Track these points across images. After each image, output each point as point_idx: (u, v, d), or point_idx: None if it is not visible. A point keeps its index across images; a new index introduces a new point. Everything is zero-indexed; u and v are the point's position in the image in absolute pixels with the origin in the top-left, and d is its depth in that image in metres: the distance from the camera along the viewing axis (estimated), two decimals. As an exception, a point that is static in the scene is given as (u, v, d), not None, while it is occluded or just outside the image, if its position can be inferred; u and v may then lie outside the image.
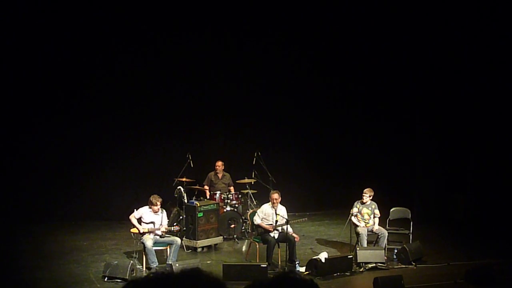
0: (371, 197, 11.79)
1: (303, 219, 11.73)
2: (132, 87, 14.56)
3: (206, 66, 14.96)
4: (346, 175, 15.80)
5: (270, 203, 11.11)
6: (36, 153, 14.06)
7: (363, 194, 11.77)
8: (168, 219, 11.40)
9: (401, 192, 14.87)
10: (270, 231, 10.97)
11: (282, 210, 11.15)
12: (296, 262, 10.71)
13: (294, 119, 15.72)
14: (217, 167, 13.83)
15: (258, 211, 11.24)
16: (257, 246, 11.13)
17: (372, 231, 11.65)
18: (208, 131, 15.34)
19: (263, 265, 10.21)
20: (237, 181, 13.90)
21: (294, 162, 15.68)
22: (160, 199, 10.78)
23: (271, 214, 11.04)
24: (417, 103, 15.32)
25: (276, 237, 10.97)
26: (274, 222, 10.95)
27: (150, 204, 10.74)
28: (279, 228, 10.98)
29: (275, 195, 11.03)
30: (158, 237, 10.76)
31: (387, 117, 15.72)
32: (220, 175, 13.86)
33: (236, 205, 13.34)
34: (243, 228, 13.18)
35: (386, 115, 15.72)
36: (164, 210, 11.01)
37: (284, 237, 10.88)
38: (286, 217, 10.94)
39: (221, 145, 15.32)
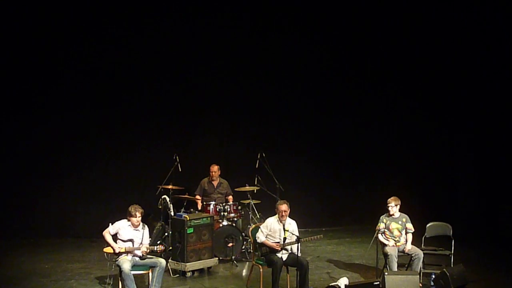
0: (398, 207, 11.64)
1: (318, 236, 11.54)
2: (105, 76, 14.58)
3: (199, 55, 15.13)
4: (370, 183, 15.87)
5: (276, 216, 10.96)
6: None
7: (388, 205, 11.67)
8: (150, 236, 11.25)
9: (440, 203, 14.86)
10: (277, 251, 10.81)
11: (292, 225, 11.01)
12: (310, 291, 10.56)
13: (306, 114, 15.87)
14: (212, 173, 13.75)
15: (261, 226, 11.12)
16: (261, 269, 11.00)
17: (403, 251, 11.52)
18: (200, 128, 15.41)
19: (268, 294, 10.07)
20: (236, 189, 13.81)
21: (306, 166, 15.76)
22: (141, 210, 10.70)
23: (278, 230, 10.90)
24: (457, 101, 15.79)
25: (284, 258, 10.80)
26: (282, 239, 10.79)
27: (129, 216, 10.63)
28: (288, 248, 10.81)
29: (283, 207, 10.89)
30: (137, 258, 10.63)
31: (420, 114, 15.93)
32: (215, 183, 13.77)
33: (235, 219, 13.26)
34: (243, 247, 13.08)
35: (418, 111, 15.99)
36: (145, 226, 10.88)
37: (295, 260, 10.69)
38: (297, 234, 10.76)
39: (216, 145, 15.34)
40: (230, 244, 12.82)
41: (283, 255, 10.85)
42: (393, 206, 11.63)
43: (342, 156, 16.09)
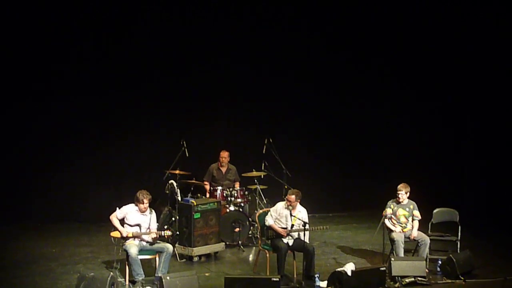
0: (407, 194, 11.64)
1: (325, 226, 11.53)
2: (111, 60, 14.58)
3: (207, 40, 15.08)
4: (377, 169, 15.82)
5: (285, 202, 10.98)
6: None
7: (398, 192, 11.64)
8: (157, 221, 11.29)
9: (447, 189, 14.82)
10: (283, 236, 10.85)
11: (302, 212, 11.01)
12: (316, 276, 10.57)
13: (313, 99, 15.79)
14: (222, 158, 13.78)
15: (271, 209, 11.14)
16: (267, 254, 11.03)
17: (410, 237, 11.51)
18: (207, 114, 15.33)
19: (274, 279, 10.06)
20: (243, 175, 13.83)
21: (314, 152, 15.73)
22: (149, 196, 10.69)
23: (285, 215, 10.91)
24: (465, 86, 15.72)
25: (290, 244, 10.84)
26: (290, 226, 10.83)
27: (137, 201, 10.64)
28: (295, 234, 10.85)
29: (291, 197, 10.86)
30: (144, 243, 10.66)
31: (427, 100, 15.89)
32: (224, 169, 13.80)
33: (242, 204, 13.27)
34: (250, 232, 13.10)
35: (425, 96, 15.90)
36: (153, 211, 10.89)
37: (301, 246, 10.74)
38: (306, 221, 10.78)
39: (223, 131, 15.27)
40: (237, 229, 12.84)
41: (289, 241, 10.89)
42: (403, 194, 11.63)
43: (349, 142, 16.05)
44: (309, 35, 15.61)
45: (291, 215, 10.84)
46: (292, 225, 10.82)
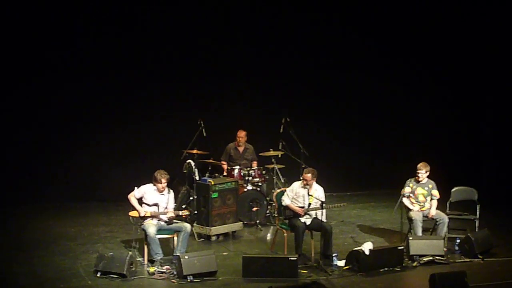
0: (427, 174, 11.60)
1: (342, 204, 11.55)
2: (129, 39, 14.56)
3: (223, 19, 15.08)
4: (395, 147, 15.81)
5: (301, 181, 10.97)
6: (9, 120, 14.09)
7: (418, 171, 11.60)
8: (175, 201, 11.32)
9: (465, 167, 14.78)
10: (301, 216, 10.85)
11: (318, 190, 10.99)
12: (334, 255, 10.57)
13: (331, 77, 15.73)
14: (239, 138, 13.78)
15: (288, 189, 11.14)
16: (285, 234, 11.04)
17: (428, 216, 11.48)
18: (225, 92, 15.34)
19: (292, 258, 10.10)
20: (260, 154, 13.82)
21: (331, 130, 15.71)
22: (167, 176, 10.72)
23: (301, 195, 10.90)
24: (484, 65, 15.62)
25: (307, 223, 10.84)
26: (307, 205, 10.82)
27: (155, 181, 10.67)
28: (312, 213, 10.85)
29: (307, 176, 10.84)
30: (163, 222, 10.70)
31: (445, 79, 15.86)
32: (241, 149, 13.80)
33: (259, 184, 13.29)
34: (267, 211, 13.11)
35: (443, 77, 15.87)
36: (171, 191, 10.93)
37: (319, 225, 10.74)
38: (323, 199, 10.77)
39: (241, 109, 15.27)
40: (254, 209, 12.87)
41: (307, 220, 10.89)
42: (423, 173, 11.58)
43: (367, 120, 16.01)
44: (327, 16, 15.52)
45: (308, 194, 10.84)
46: (309, 204, 10.82)
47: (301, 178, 11.03)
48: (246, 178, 13.09)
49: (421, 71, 15.87)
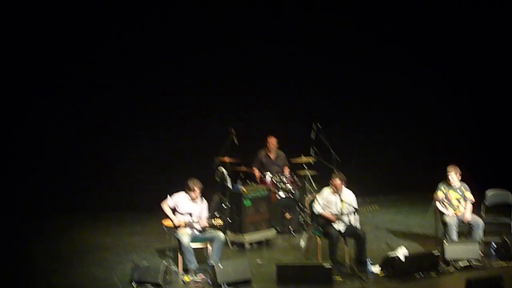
0: (458, 176, 11.49)
1: (373, 206, 11.50)
2: (160, 47, 14.69)
3: (256, 26, 15.15)
4: (428, 149, 15.70)
5: (331, 187, 10.94)
6: (44, 133, 14.28)
7: (448, 174, 11.50)
8: (208, 209, 11.31)
9: (500, 170, 14.63)
10: (334, 222, 10.81)
11: (349, 195, 10.96)
12: (368, 261, 10.53)
13: (361, 81, 15.74)
14: (270, 144, 13.71)
15: (317, 196, 11.09)
16: (318, 241, 11.01)
17: (464, 221, 11.38)
18: (256, 100, 15.34)
19: (326, 265, 10.07)
20: (291, 160, 13.78)
21: (362, 135, 15.71)
22: (200, 184, 10.72)
23: (333, 201, 10.86)
24: None
25: (342, 230, 10.80)
26: (340, 211, 10.79)
27: (188, 189, 10.66)
28: (346, 220, 10.80)
29: (335, 181, 10.82)
30: (196, 232, 10.72)
31: (479, 79, 15.73)
32: (273, 156, 13.76)
33: (292, 190, 13.25)
34: (300, 218, 13.08)
35: (477, 77, 15.80)
36: (204, 200, 10.93)
37: (353, 231, 10.71)
38: (355, 205, 10.73)
39: (272, 116, 15.27)
40: (287, 215, 12.86)
41: (340, 227, 10.85)
42: (453, 175, 11.48)
43: (398, 124, 15.96)
44: (360, 20, 15.56)
45: (340, 199, 10.81)
46: (342, 210, 10.79)
47: (330, 183, 11.01)
48: (279, 185, 13.09)
49: (455, 73, 15.76)
